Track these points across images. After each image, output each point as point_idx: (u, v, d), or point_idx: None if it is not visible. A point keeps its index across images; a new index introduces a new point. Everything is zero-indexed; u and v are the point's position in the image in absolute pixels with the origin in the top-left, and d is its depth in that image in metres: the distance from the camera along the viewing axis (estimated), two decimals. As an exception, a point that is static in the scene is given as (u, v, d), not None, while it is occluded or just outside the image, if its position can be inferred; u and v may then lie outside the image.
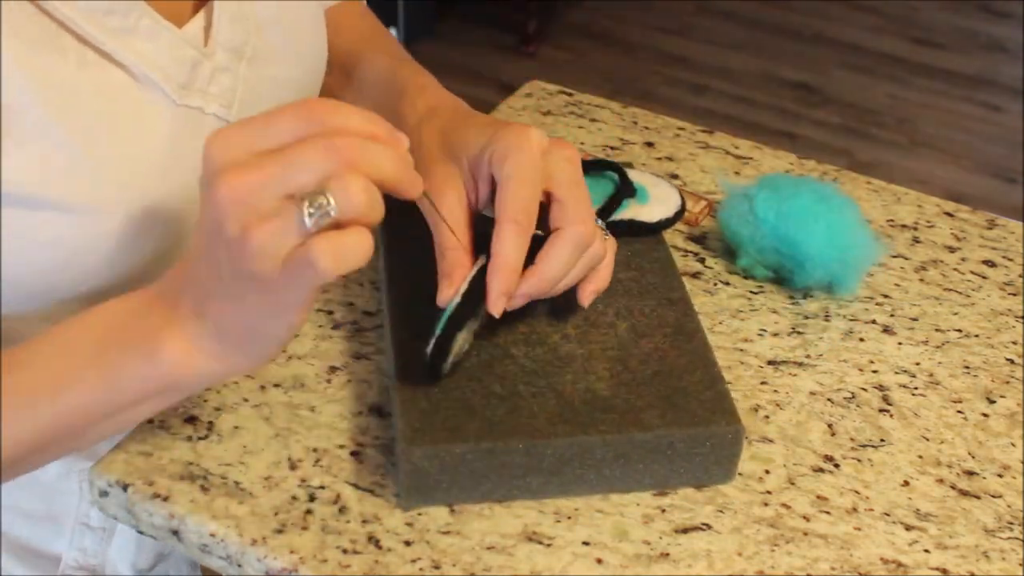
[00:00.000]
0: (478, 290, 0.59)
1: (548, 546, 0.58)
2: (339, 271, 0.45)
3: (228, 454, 0.62)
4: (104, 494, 0.60)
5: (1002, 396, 0.71)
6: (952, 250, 0.83)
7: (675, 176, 0.89)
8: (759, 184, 0.78)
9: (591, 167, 0.77)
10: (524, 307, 0.61)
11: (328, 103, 0.47)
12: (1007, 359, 0.74)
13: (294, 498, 0.60)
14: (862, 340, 0.74)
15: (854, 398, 0.69)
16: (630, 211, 0.74)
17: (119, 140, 0.58)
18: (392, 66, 0.77)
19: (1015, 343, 0.75)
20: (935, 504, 0.63)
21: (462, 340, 0.61)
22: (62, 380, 0.53)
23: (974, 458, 0.66)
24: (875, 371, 0.72)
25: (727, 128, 1.06)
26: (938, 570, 0.59)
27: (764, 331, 0.74)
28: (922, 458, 0.66)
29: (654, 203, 0.75)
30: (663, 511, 0.61)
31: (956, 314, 0.77)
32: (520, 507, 0.60)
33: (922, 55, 3.07)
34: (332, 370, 0.68)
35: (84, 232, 0.58)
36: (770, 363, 0.71)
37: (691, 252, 0.80)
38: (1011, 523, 0.62)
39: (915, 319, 0.76)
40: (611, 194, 0.74)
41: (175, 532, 0.59)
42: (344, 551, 0.57)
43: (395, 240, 0.71)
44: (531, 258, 0.59)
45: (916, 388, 0.71)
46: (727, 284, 0.78)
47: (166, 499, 0.59)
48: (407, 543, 0.58)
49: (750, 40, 3.10)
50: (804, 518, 0.61)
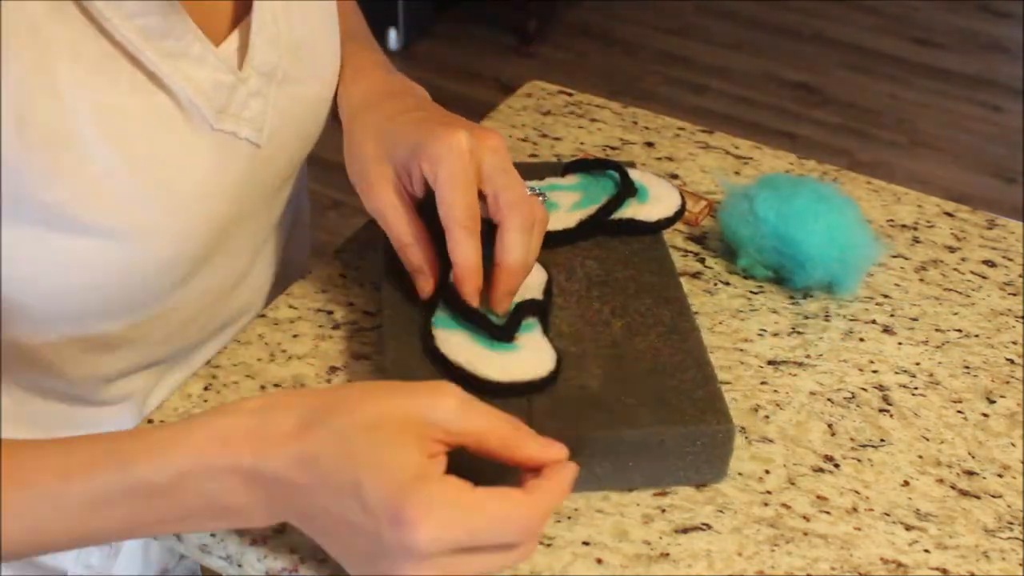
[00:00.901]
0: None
1: (548, 546, 0.58)
2: None
3: (228, 454, 0.62)
4: (104, 494, 0.60)
5: (1002, 396, 0.71)
6: (952, 250, 0.83)
7: (675, 176, 0.89)
8: (759, 184, 0.78)
9: (592, 166, 0.77)
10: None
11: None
12: (1007, 359, 0.74)
13: (294, 498, 0.59)
14: (862, 340, 0.74)
15: (854, 398, 0.69)
16: (630, 210, 0.74)
17: (163, 166, 0.58)
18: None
19: (1015, 343, 0.75)
20: (935, 504, 0.63)
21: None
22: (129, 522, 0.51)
23: (974, 458, 0.66)
24: (875, 371, 0.72)
25: (727, 128, 1.06)
26: (938, 570, 0.59)
27: (764, 331, 0.74)
28: (922, 458, 0.66)
29: (654, 202, 0.75)
30: (663, 511, 0.61)
31: (956, 314, 0.77)
32: (520, 507, 0.60)
33: (922, 55, 3.07)
34: (332, 370, 0.68)
35: (123, 256, 0.58)
36: (770, 363, 0.71)
37: (691, 252, 0.80)
38: (1011, 523, 0.62)
39: (915, 319, 0.76)
40: (612, 193, 0.74)
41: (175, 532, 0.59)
42: (344, 551, 0.57)
43: None
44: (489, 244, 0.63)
45: (916, 388, 0.71)
46: (727, 284, 0.78)
47: (166, 499, 0.59)
48: (407, 543, 0.58)
49: (750, 40, 3.10)
50: (804, 518, 0.61)
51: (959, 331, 0.76)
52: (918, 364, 0.73)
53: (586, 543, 0.59)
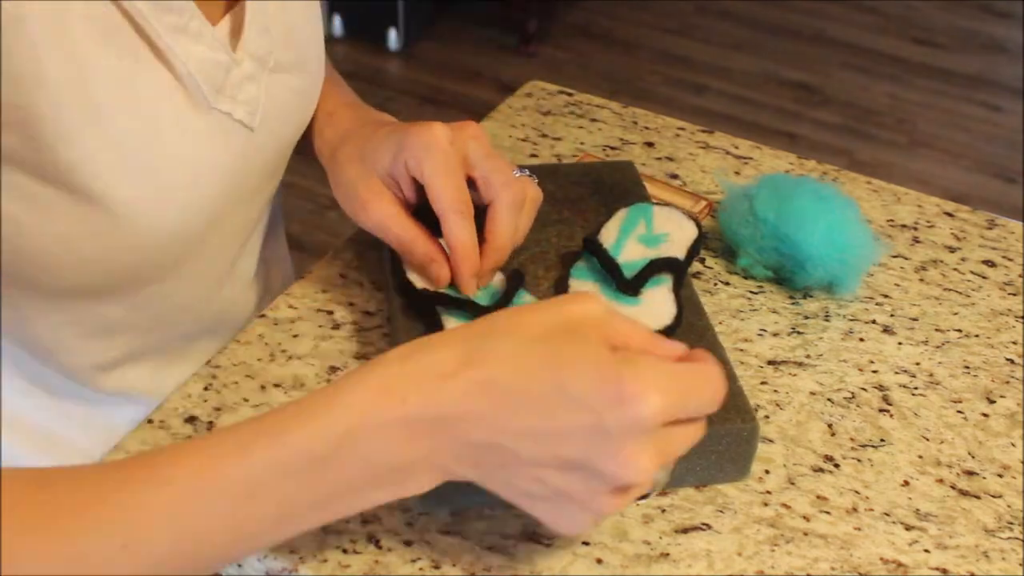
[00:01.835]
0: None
1: (548, 546, 0.58)
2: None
3: (228, 454, 0.62)
4: (104, 494, 0.60)
5: (1002, 396, 0.71)
6: (952, 250, 0.84)
7: (675, 176, 0.89)
8: (759, 184, 0.78)
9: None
10: None
11: (721, 374, 0.49)
12: (1007, 359, 0.74)
13: (294, 498, 0.60)
14: (862, 340, 0.74)
15: (854, 398, 0.69)
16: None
17: (161, 141, 0.59)
18: None
19: (1015, 343, 0.75)
20: (935, 504, 0.63)
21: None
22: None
23: (974, 458, 0.66)
24: (875, 371, 0.72)
25: (727, 128, 1.06)
26: (938, 570, 0.59)
27: (764, 331, 0.74)
28: (922, 458, 0.66)
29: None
30: (663, 511, 0.61)
31: (956, 314, 0.77)
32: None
33: (922, 55, 3.07)
34: (332, 370, 0.68)
35: (126, 229, 0.58)
36: (770, 363, 0.71)
37: (691, 252, 0.80)
38: (1011, 523, 0.62)
39: (915, 319, 0.76)
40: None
41: (175, 532, 0.59)
42: (344, 551, 0.57)
43: None
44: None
45: (916, 388, 0.71)
46: (727, 284, 0.78)
47: (166, 499, 0.59)
48: (407, 543, 0.58)
49: (750, 40, 3.11)
50: (804, 518, 0.61)
51: (959, 331, 0.76)
52: (918, 364, 0.73)
53: (586, 543, 0.59)
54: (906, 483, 0.64)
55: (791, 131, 2.71)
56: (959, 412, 0.69)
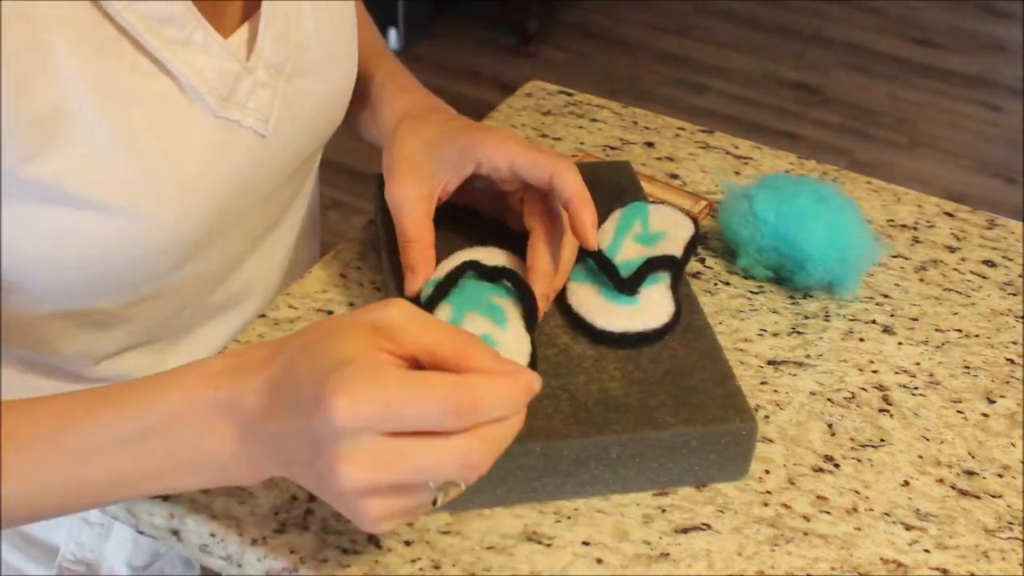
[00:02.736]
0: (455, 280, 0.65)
1: (548, 546, 0.58)
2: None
3: (228, 454, 0.62)
4: (104, 494, 0.60)
5: (1002, 396, 0.71)
6: (952, 250, 0.83)
7: (675, 176, 0.89)
8: (759, 184, 0.78)
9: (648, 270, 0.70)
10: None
11: (475, 394, 0.44)
12: (1007, 359, 0.74)
13: (294, 498, 0.60)
14: (862, 340, 0.74)
15: (854, 398, 0.69)
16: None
17: (162, 148, 0.59)
18: (372, 62, 0.80)
19: (1015, 343, 0.75)
20: (935, 504, 0.63)
21: None
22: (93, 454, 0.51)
23: (974, 458, 0.66)
24: (875, 371, 0.72)
25: (727, 128, 1.06)
26: (938, 570, 0.59)
27: (764, 331, 0.74)
28: (922, 458, 0.66)
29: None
30: (663, 511, 0.61)
31: (956, 314, 0.77)
32: (520, 507, 0.60)
33: (922, 55, 3.07)
34: (332, 370, 0.68)
35: (120, 234, 0.59)
36: (770, 363, 0.71)
37: (691, 252, 0.80)
38: (1011, 523, 0.62)
39: (915, 319, 0.76)
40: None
41: (175, 532, 0.59)
42: (344, 551, 0.57)
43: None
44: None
45: (916, 388, 0.71)
46: (727, 284, 0.78)
47: (166, 499, 0.59)
48: (407, 543, 0.58)
49: (750, 40, 3.10)
50: (804, 518, 0.61)
51: (959, 331, 0.76)
52: (918, 364, 0.73)
53: (586, 543, 0.59)
54: (906, 483, 0.64)
55: (791, 131, 2.71)
56: (959, 412, 0.69)
